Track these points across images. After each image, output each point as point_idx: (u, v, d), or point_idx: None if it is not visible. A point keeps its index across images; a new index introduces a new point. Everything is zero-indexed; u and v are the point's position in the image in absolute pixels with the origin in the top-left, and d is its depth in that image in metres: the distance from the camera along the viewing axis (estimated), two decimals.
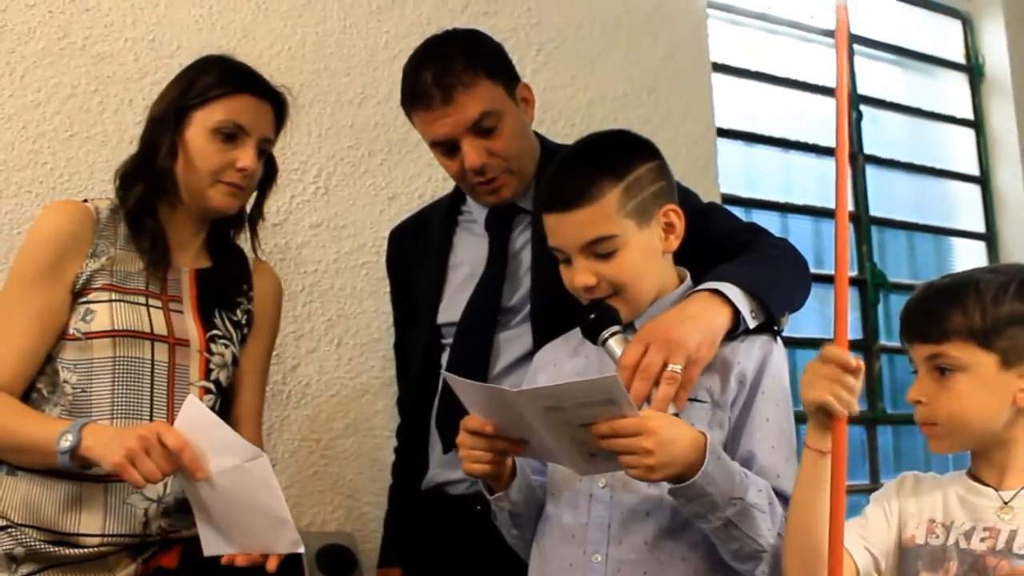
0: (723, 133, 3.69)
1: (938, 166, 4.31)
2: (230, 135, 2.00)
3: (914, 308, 1.64)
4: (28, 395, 1.94)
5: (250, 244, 2.19)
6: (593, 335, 1.76)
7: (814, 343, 3.84)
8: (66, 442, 1.78)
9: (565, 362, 1.88)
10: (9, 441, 1.87)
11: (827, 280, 1.74)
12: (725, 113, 3.71)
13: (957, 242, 4.39)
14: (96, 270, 1.95)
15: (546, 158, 2.17)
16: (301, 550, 1.80)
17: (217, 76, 2.03)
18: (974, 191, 4.40)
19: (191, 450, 1.75)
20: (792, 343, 3.69)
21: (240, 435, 1.82)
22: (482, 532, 1.95)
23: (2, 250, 2.38)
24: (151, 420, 1.91)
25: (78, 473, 1.85)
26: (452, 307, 2.19)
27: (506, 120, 2.10)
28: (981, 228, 4.40)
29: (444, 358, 2.18)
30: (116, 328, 1.93)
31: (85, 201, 2.02)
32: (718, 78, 3.72)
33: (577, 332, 1.82)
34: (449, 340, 2.19)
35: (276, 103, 2.09)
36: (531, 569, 1.86)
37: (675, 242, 1.84)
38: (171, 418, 1.90)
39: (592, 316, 1.77)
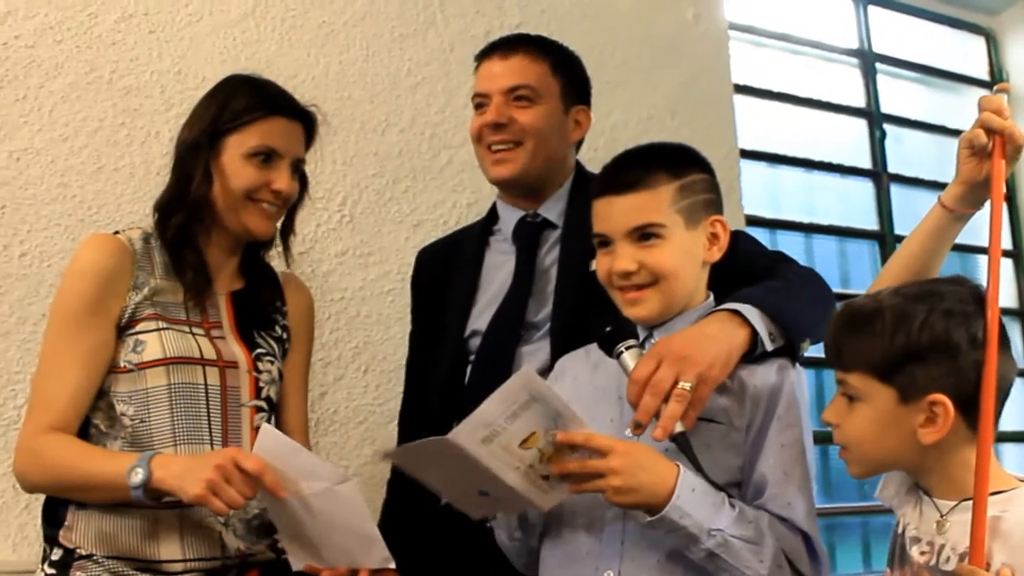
0: (746, 154, 3.69)
1: None
2: (265, 158, 2.00)
3: (829, 331, 1.63)
4: (85, 432, 1.93)
5: (283, 258, 2.20)
6: (608, 347, 1.75)
7: None
8: (137, 477, 1.77)
9: (585, 374, 1.88)
10: (77, 480, 1.86)
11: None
12: (748, 134, 3.72)
13: (984, 259, 4.34)
14: (139, 302, 1.95)
15: (580, 181, 2.24)
16: (392, 565, 1.81)
17: (248, 99, 2.02)
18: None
19: (271, 472, 1.76)
20: (822, 363, 3.67)
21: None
22: (492, 547, 1.93)
23: (33, 283, 2.41)
24: (211, 444, 1.92)
25: (148, 502, 1.84)
26: (478, 322, 2.21)
27: (543, 105, 2.21)
28: (1008, 245, 4.37)
29: (468, 372, 2.19)
30: (168, 356, 1.93)
31: (117, 233, 2.02)
32: (740, 99, 3.72)
33: (596, 346, 1.81)
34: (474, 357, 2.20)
35: (305, 122, 2.09)
36: None
37: (717, 254, 1.83)
38: (226, 441, 1.92)
39: (608, 329, 1.76)
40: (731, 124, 3.59)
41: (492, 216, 2.35)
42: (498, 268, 2.26)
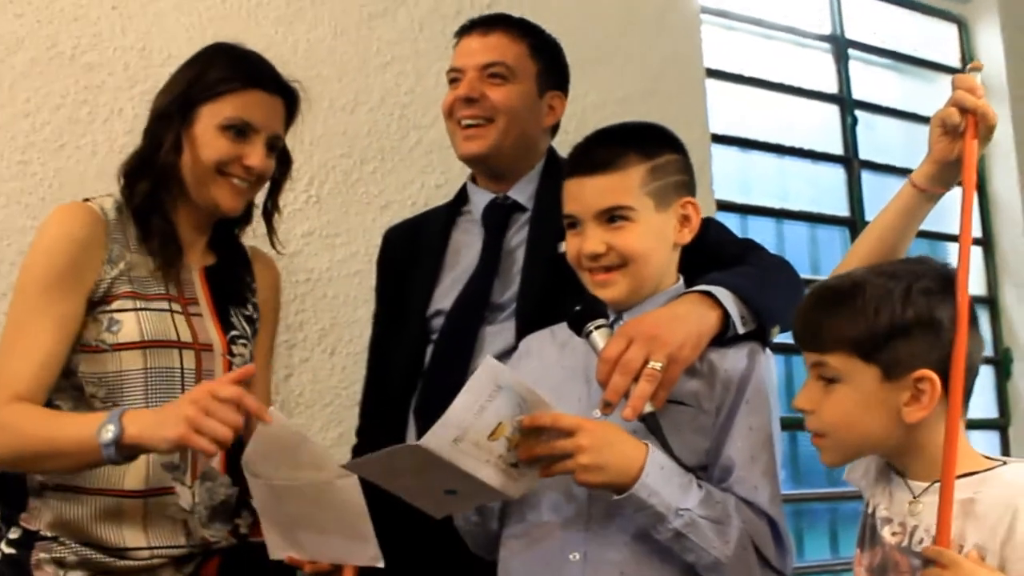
0: (718, 139, 3.68)
1: None
2: (239, 132, 1.95)
3: (801, 312, 1.61)
4: None
5: (268, 239, 2.17)
6: (578, 326, 1.74)
7: None
8: (108, 433, 1.69)
9: (552, 354, 1.87)
10: (42, 447, 1.77)
11: None
12: (719, 119, 3.71)
13: (953, 247, 4.35)
14: (115, 277, 1.89)
15: (551, 165, 2.23)
16: (381, 564, 1.76)
17: (226, 70, 1.97)
18: None
19: (250, 397, 1.70)
20: (791, 349, 3.67)
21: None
22: (460, 538, 1.92)
23: None
24: None
25: (111, 489, 1.82)
26: (443, 301, 2.19)
27: (517, 85, 2.20)
28: (978, 233, 4.38)
29: (430, 351, 2.17)
30: (146, 339, 1.87)
31: (87, 200, 1.96)
32: (712, 84, 3.71)
33: (564, 326, 1.80)
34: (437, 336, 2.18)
35: (287, 97, 2.05)
36: (502, 566, 1.81)
37: (688, 235, 1.83)
38: None
39: (578, 308, 1.75)
40: (703, 109, 3.58)
41: (462, 197, 2.34)
42: (465, 248, 2.25)
